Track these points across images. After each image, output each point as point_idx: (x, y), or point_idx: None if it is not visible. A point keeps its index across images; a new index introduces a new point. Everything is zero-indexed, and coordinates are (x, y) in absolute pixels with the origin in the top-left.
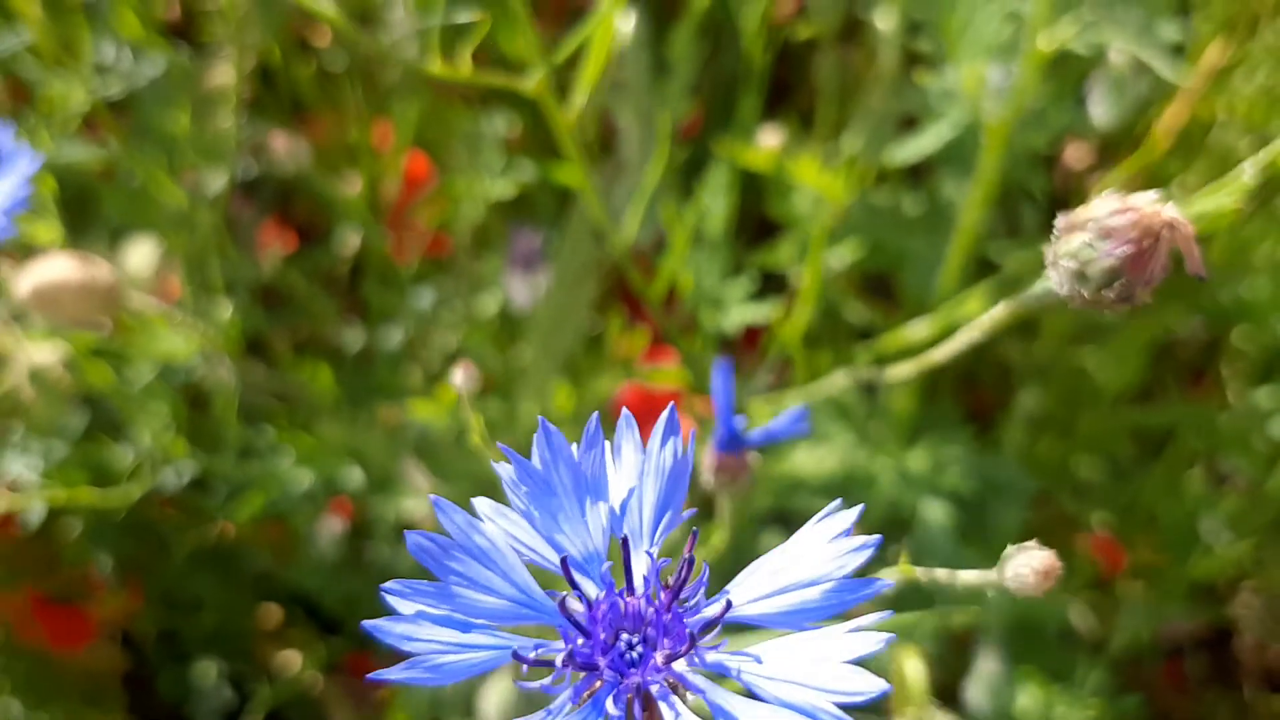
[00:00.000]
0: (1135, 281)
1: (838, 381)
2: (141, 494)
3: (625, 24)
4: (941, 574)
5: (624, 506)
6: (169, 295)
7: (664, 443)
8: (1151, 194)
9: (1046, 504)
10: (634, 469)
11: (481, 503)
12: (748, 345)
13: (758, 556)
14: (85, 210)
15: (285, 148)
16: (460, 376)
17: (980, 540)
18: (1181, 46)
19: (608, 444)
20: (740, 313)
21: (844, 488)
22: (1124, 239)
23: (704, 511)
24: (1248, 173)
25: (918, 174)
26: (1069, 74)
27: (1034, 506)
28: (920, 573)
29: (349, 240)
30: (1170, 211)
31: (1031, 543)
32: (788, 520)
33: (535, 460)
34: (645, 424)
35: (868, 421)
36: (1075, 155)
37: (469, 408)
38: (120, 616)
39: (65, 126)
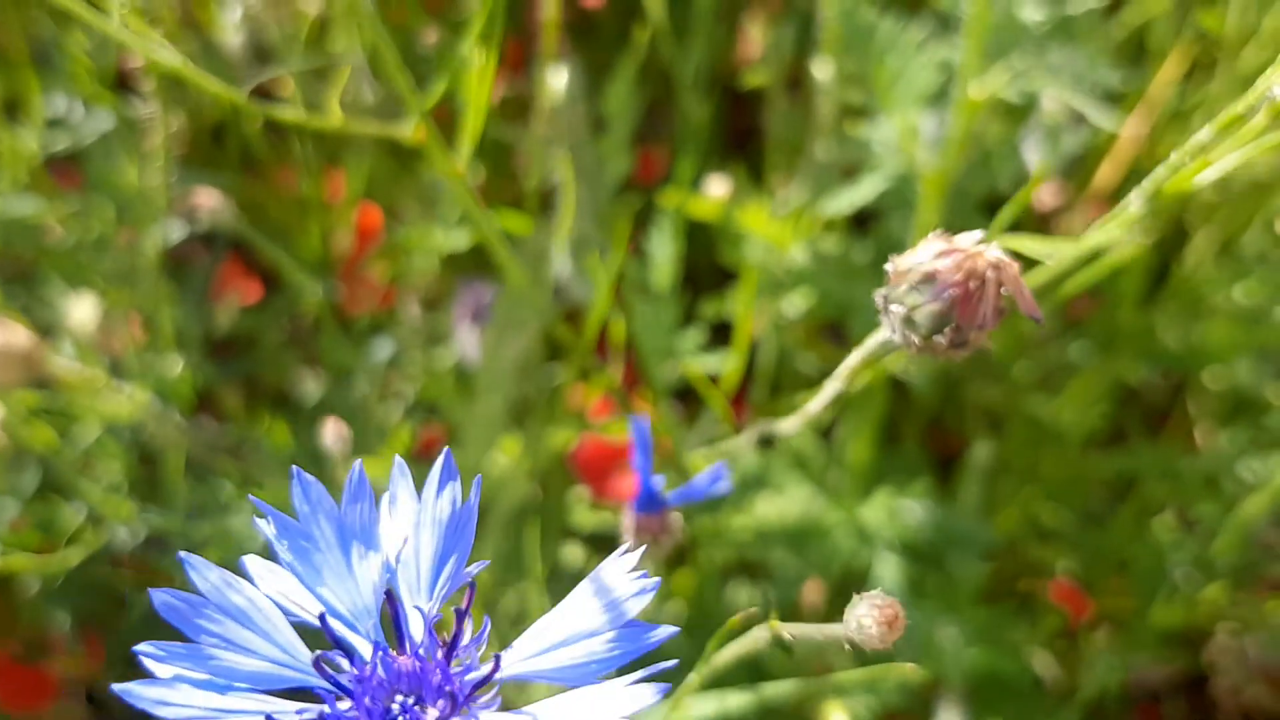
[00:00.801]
0: (966, 326)
1: (743, 439)
2: (89, 554)
3: (557, 78)
4: (808, 629)
5: (399, 558)
6: (115, 351)
7: (440, 490)
8: (975, 234)
9: (1011, 552)
10: (410, 519)
11: (252, 560)
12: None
13: (724, 611)
14: (26, 267)
15: (209, 204)
16: (329, 435)
17: (940, 593)
18: (1121, 92)
19: (401, 492)
20: (691, 364)
21: (798, 541)
22: (948, 283)
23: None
24: (1134, 204)
25: (865, 221)
26: (1020, 118)
27: (998, 555)
28: (786, 629)
29: (310, 291)
30: (994, 252)
31: (876, 592)
32: (755, 573)
33: (294, 512)
34: (602, 476)
35: (826, 471)
36: (1044, 194)
37: (341, 468)
38: (82, 675)
39: (15, 181)
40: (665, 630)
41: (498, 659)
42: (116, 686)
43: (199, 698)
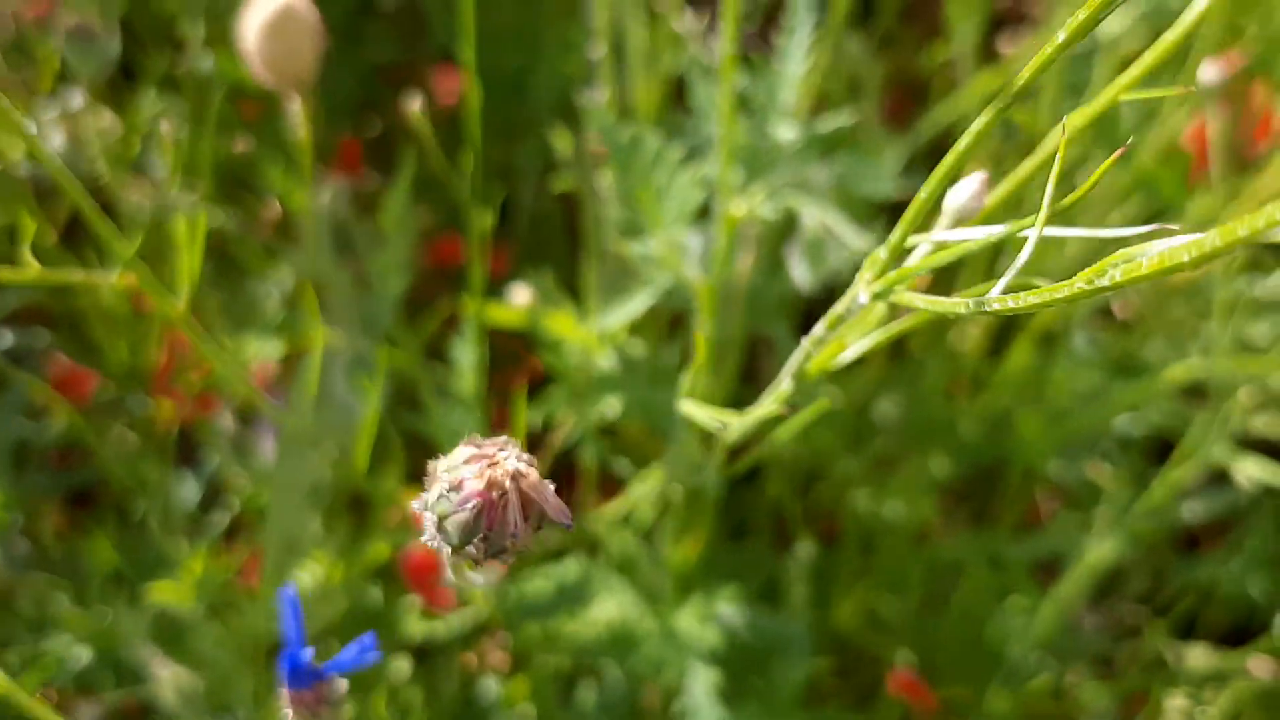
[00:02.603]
0: (499, 535)
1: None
2: None
3: (320, 197)
4: None
5: None
6: None
7: None
8: (504, 440)
9: (848, 647)
10: None
11: None
12: None
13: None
14: None
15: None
16: None
17: (761, 698)
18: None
19: None
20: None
21: (613, 650)
22: (473, 492)
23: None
24: (785, 384)
25: (679, 321)
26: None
27: (835, 650)
28: None
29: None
30: (514, 461)
31: None
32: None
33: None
34: (432, 584)
35: (652, 573)
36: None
37: None
38: None
39: None
40: None
41: None
42: None
43: None
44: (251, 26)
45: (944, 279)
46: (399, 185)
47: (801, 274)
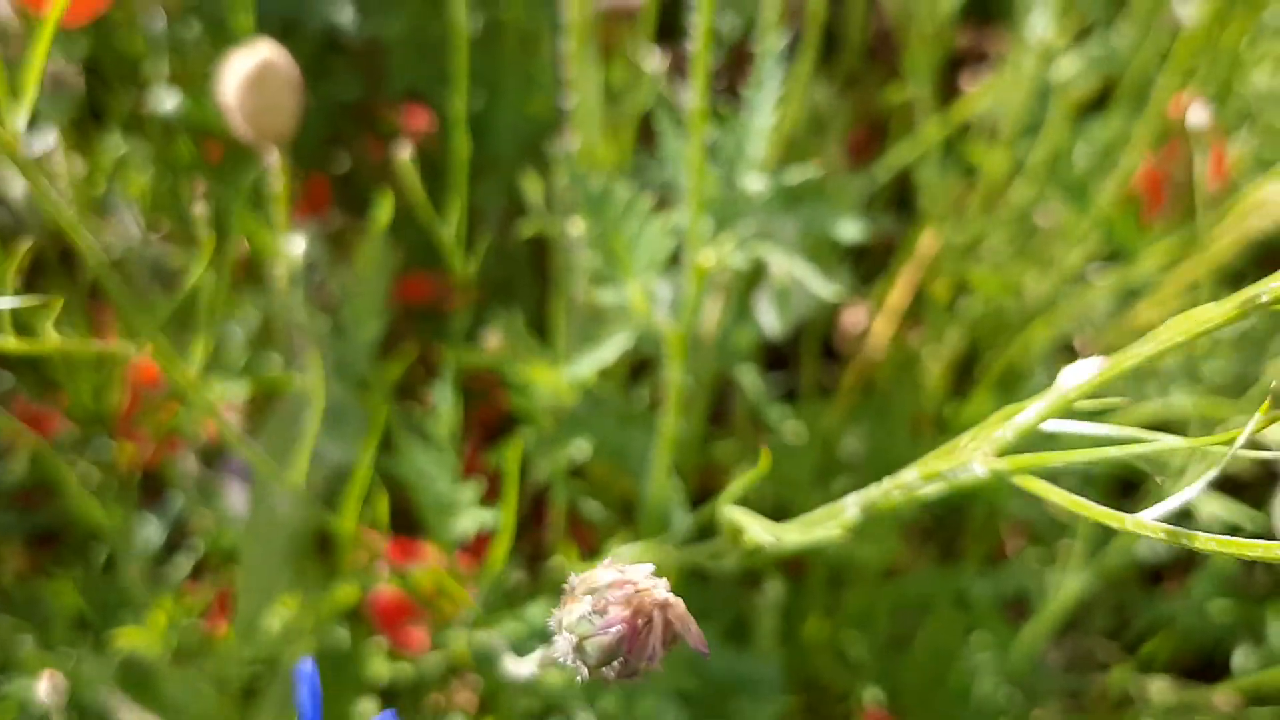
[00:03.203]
0: (634, 659)
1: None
2: None
3: (294, 247)
4: None
5: None
6: None
7: None
8: (648, 568)
9: (816, 685)
10: None
11: None
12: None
13: None
14: None
15: None
16: (43, 689)
17: None
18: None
19: None
20: (471, 517)
21: (582, 692)
22: (617, 618)
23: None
24: (850, 510)
25: (643, 366)
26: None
27: (804, 688)
28: None
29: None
30: (662, 591)
31: None
32: None
33: None
34: (400, 625)
35: None
36: (852, 319)
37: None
38: None
39: None
40: None
41: None
42: None
43: None
44: (230, 81)
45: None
46: (374, 230)
47: (770, 322)
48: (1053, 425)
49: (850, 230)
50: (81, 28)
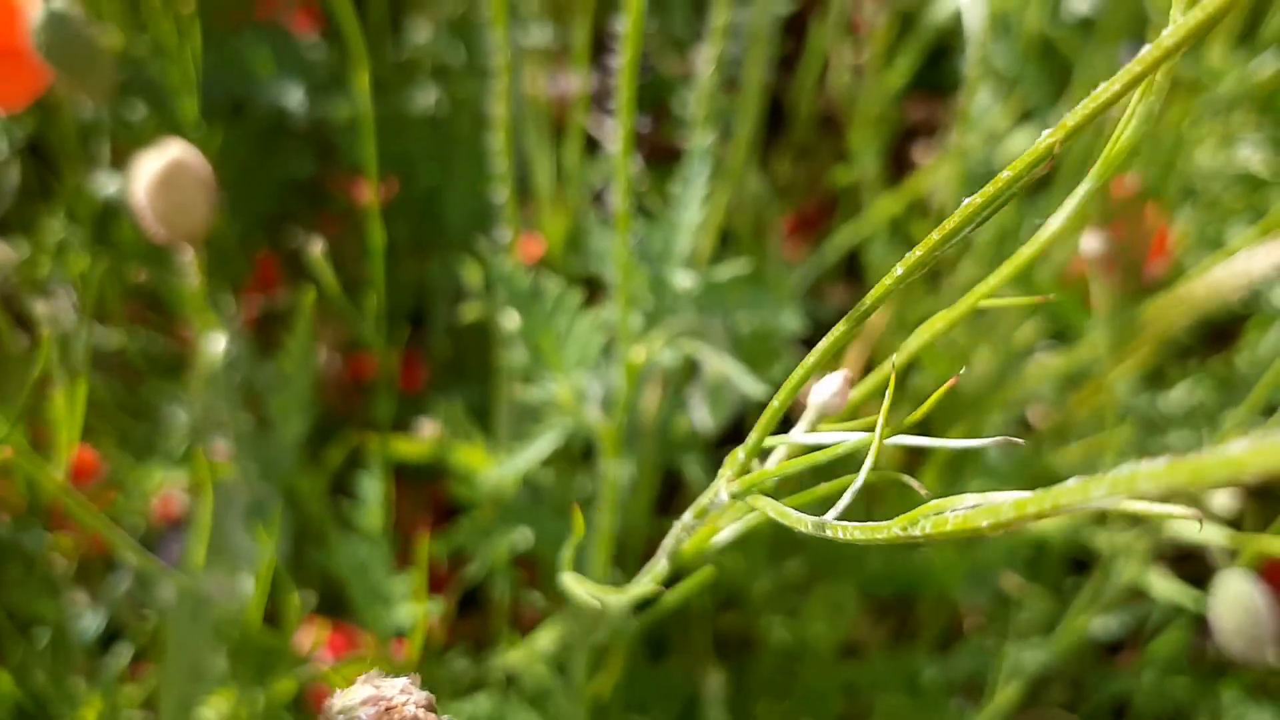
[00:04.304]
0: None
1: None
2: None
3: (214, 345)
4: None
5: None
6: None
7: None
8: (402, 682)
9: None
10: None
11: None
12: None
13: None
14: None
15: None
16: None
17: None
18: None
19: None
20: (406, 609)
21: None
22: None
23: None
24: (661, 564)
25: (590, 451)
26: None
27: None
28: None
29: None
30: (413, 707)
31: None
32: None
33: None
34: None
35: (567, 706)
36: (806, 391)
37: None
38: None
39: None
40: None
41: None
42: None
43: None
44: (141, 181)
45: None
46: (300, 328)
47: (703, 417)
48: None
49: (790, 321)
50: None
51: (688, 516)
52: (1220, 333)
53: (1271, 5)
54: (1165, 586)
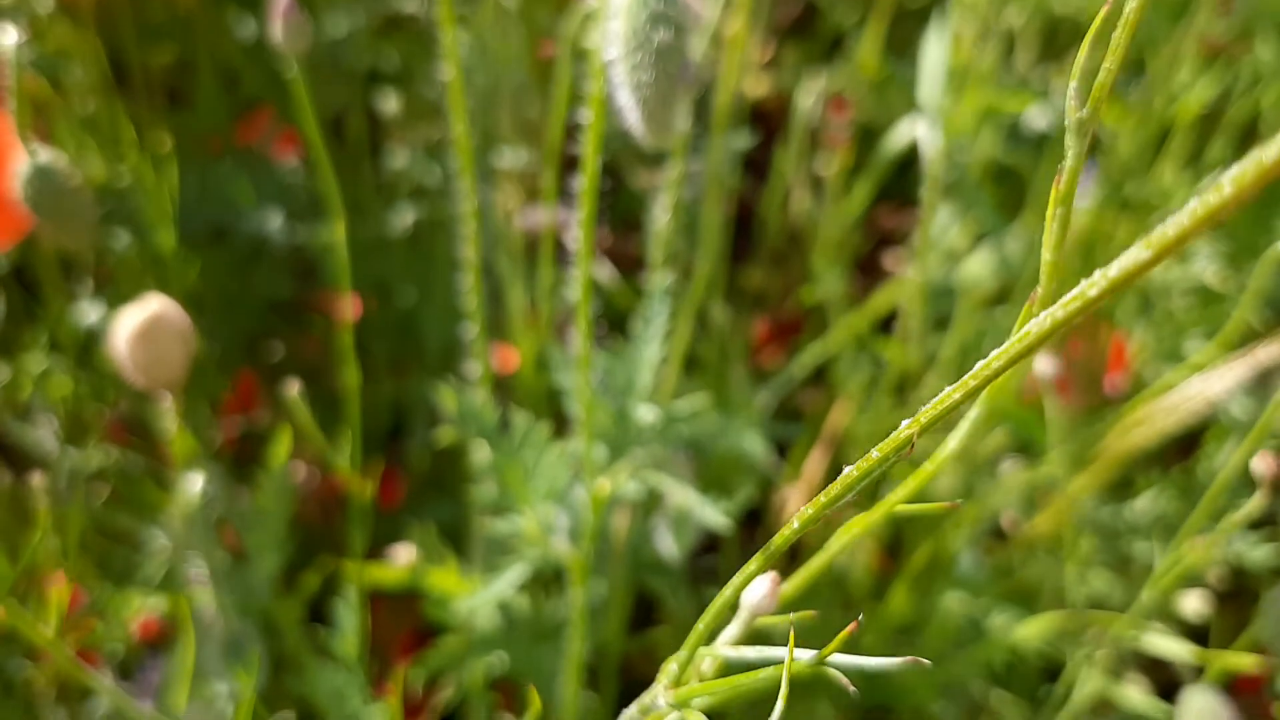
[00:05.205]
0: None
1: None
2: None
3: (192, 485)
4: None
5: None
6: None
7: None
8: None
9: None
10: None
11: None
12: None
13: None
14: None
15: None
16: None
17: None
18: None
19: None
20: None
21: None
22: None
23: None
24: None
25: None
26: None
27: None
28: None
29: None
30: None
31: None
32: None
33: None
34: None
35: None
36: (780, 496)
37: None
38: None
39: None
40: None
41: None
42: None
43: None
44: (121, 334)
45: None
46: (276, 466)
47: (668, 546)
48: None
49: (753, 446)
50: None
51: (633, 710)
52: (1185, 442)
53: (1217, 127)
54: (1134, 699)
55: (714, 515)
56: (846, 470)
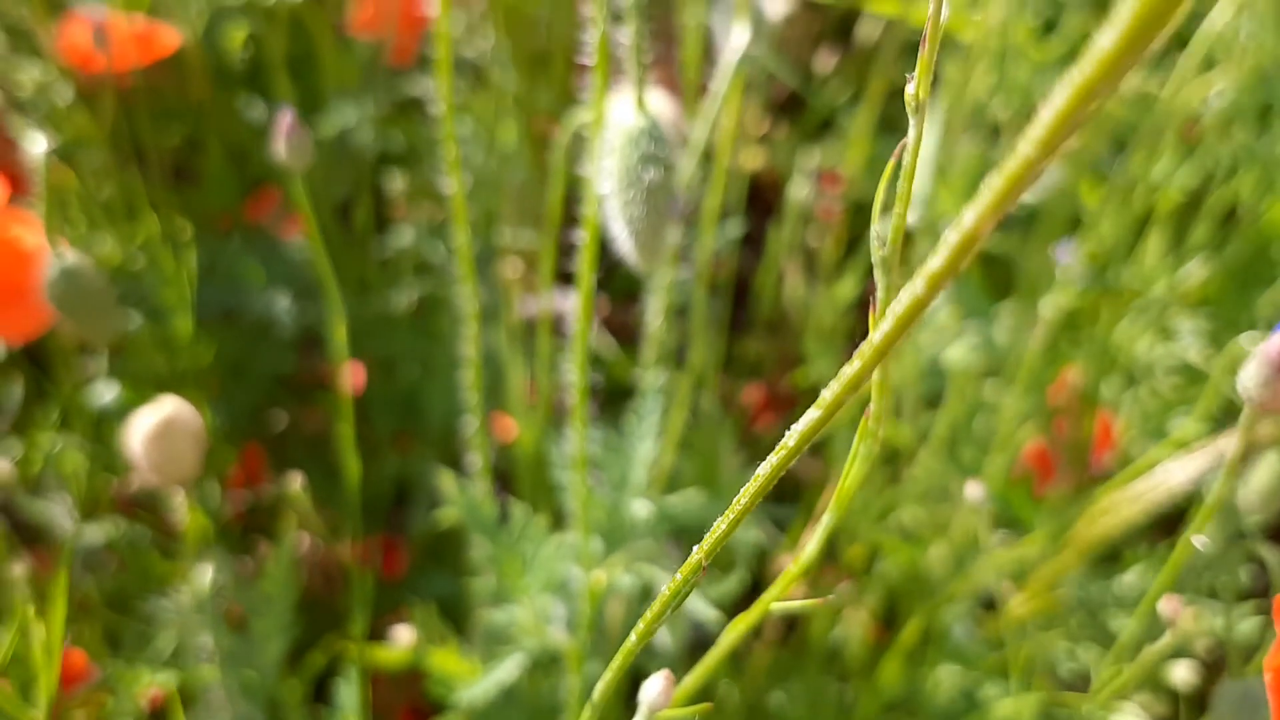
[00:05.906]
0: None
1: None
2: None
3: (202, 576)
4: None
5: None
6: None
7: None
8: None
9: None
10: None
11: None
12: None
13: None
14: None
15: None
16: None
17: None
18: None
19: None
20: None
21: None
22: None
23: None
24: None
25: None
26: None
27: None
28: None
29: None
30: None
31: None
32: None
33: None
34: None
35: None
36: (779, 564)
37: None
38: None
39: None
40: None
41: None
42: None
43: None
44: (136, 435)
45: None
46: (281, 554)
47: (662, 638)
48: None
49: (745, 534)
50: None
51: None
52: (1174, 517)
53: (1197, 214)
54: None
55: (704, 609)
56: None
